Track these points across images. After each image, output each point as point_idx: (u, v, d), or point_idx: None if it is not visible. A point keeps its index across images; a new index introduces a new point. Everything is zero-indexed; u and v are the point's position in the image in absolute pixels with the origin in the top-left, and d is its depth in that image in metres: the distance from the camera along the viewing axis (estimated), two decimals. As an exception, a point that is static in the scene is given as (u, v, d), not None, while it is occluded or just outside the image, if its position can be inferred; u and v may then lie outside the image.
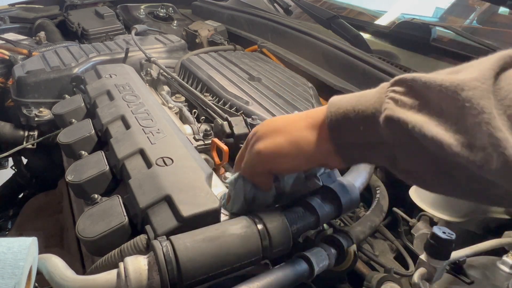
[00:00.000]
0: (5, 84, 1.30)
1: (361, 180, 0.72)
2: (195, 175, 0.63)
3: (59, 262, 0.51)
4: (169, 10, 1.83)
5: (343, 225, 0.82)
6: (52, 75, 1.12)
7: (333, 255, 0.58)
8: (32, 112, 1.09)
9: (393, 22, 1.55)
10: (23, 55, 1.33)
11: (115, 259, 0.54)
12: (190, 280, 0.48)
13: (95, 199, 0.67)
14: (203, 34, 1.55)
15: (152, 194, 0.59)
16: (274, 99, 1.01)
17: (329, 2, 1.97)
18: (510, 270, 0.67)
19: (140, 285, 0.47)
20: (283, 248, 0.53)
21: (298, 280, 0.53)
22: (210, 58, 1.27)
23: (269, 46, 1.40)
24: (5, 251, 0.41)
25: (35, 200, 1.32)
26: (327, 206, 0.59)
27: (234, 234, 0.51)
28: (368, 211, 0.75)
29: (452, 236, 0.58)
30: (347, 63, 1.16)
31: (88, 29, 1.58)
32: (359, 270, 0.71)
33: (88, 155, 0.78)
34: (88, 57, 1.20)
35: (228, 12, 1.71)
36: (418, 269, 0.61)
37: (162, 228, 0.55)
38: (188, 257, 0.47)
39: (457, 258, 0.65)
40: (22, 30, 1.70)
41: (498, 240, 0.71)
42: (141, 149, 0.71)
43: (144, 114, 0.83)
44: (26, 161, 1.52)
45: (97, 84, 0.98)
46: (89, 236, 0.57)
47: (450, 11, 2.06)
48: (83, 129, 0.84)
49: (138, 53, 1.24)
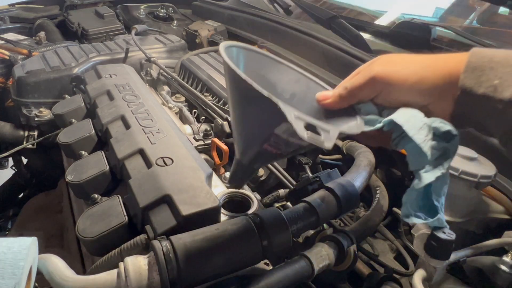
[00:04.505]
0: (5, 84, 1.30)
1: (361, 180, 0.72)
2: (195, 175, 0.63)
3: (59, 262, 0.51)
4: (169, 10, 1.83)
5: (343, 225, 0.82)
6: (52, 75, 1.12)
7: (333, 255, 0.58)
8: (32, 112, 1.09)
9: (393, 22, 1.54)
10: (23, 55, 1.33)
11: (115, 259, 0.54)
12: (190, 280, 0.48)
13: (95, 199, 0.67)
14: (203, 34, 1.55)
15: (152, 194, 0.59)
16: (274, 99, 1.01)
17: (329, 2, 1.97)
18: (510, 270, 0.67)
19: (140, 285, 0.47)
20: (283, 248, 0.53)
21: (298, 280, 0.53)
22: (210, 58, 1.27)
23: (269, 46, 1.40)
24: (5, 251, 0.41)
25: (35, 200, 1.32)
26: (327, 206, 0.59)
27: (234, 234, 0.51)
28: (368, 211, 0.75)
29: (452, 236, 0.58)
30: (347, 63, 1.16)
31: (88, 29, 1.58)
32: (359, 270, 0.71)
33: (88, 155, 0.78)
34: (88, 57, 1.20)
35: (228, 12, 1.71)
36: (418, 269, 0.61)
37: (162, 227, 0.55)
38: (188, 256, 0.47)
39: (457, 258, 0.65)
40: (22, 30, 1.70)
41: (498, 240, 0.71)
42: (141, 149, 0.71)
43: (144, 114, 0.83)
44: (26, 161, 1.52)
45: (97, 84, 0.98)
46: (89, 236, 0.57)
47: (450, 11, 2.06)
48: (83, 129, 0.84)
49: (138, 53, 1.24)
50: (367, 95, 0.52)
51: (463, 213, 0.76)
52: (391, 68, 0.50)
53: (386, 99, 0.51)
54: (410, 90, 0.49)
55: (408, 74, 0.49)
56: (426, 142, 0.46)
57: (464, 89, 0.45)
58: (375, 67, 0.51)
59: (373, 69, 0.50)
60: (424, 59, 0.50)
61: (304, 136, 0.40)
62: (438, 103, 0.49)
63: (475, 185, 0.72)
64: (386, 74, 0.49)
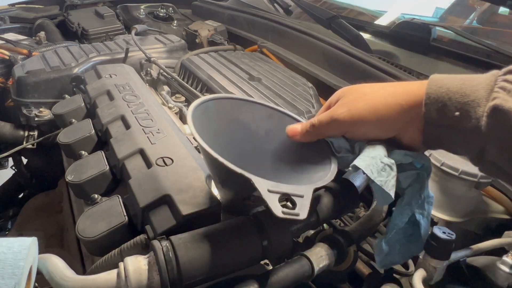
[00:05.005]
0: (5, 84, 1.30)
1: (361, 180, 0.72)
2: (195, 175, 0.63)
3: (59, 262, 0.51)
4: (169, 10, 1.83)
5: (343, 225, 0.82)
6: (52, 75, 1.12)
7: (333, 255, 0.58)
8: (32, 112, 1.09)
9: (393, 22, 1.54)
10: (23, 55, 1.33)
11: (115, 259, 0.54)
12: (190, 280, 0.48)
13: (95, 199, 0.67)
14: (203, 34, 1.55)
15: (152, 194, 0.59)
16: (274, 99, 1.01)
17: (329, 2, 1.97)
18: (510, 270, 0.67)
19: (140, 285, 0.47)
20: (283, 248, 0.53)
21: (298, 280, 0.53)
22: (210, 58, 1.27)
23: (269, 46, 1.40)
24: (5, 251, 0.41)
25: (35, 200, 1.32)
26: (327, 206, 0.59)
27: (234, 234, 0.51)
28: (368, 211, 0.75)
29: (452, 236, 0.58)
30: (347, 63, 1.16)
31: (88, 29, 1.58)
32: (359, 270, 0.71)
33: (88, 155, 0.78)
34: (88, 57, 1.20)
35: (228, 12, 1.71)
36: (418, 269, 0.61)
37: (162, 227, 0.55)
38: (188, 256, 0.47)
39: (457, 258, 0.65)
40: (22, 30, 1.70)
41: (498, 240, 0.71)
42: (141, 149, 0.71)
43: (144, 114, 0.83)
44: (26, 161, 1.52)
45: (97, 84, 0.98)
46: (89, 236, 0.57)
47: (450, 11, 2.06)
48: (83, 129, 0.84)
49: (138, 53, 1.24)
50: (333, 133, 0.56)
51: (463, 213, 0.76)
52: (354, 109, 0.52)
53: (354, 136, 0.55)
54: (374, 127, 0.52)
55: (370, 113, 0.51)
56: (387, 182, 0.50)
57: (429, 120, 0.47)
58: (338, 109, 0.53)
59: (336, 112, 0.53)
60: (386, 92, 0.51)
61: (280, 215, 0.43)
62: (406, 134, 0.51)
63: (475, 185, 0.72)
64: (349, 116, 0.52)
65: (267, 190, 0.45)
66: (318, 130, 0.55)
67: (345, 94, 0.55)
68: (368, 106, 0.51)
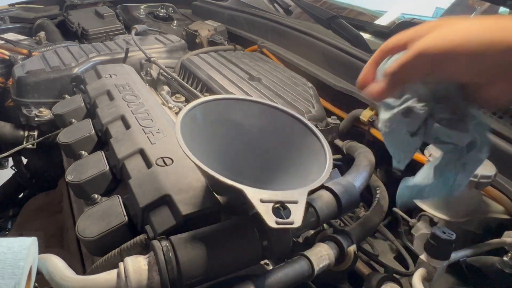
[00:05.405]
0: (5, 84, 1.30)
1: (361, 180, 0.72)
2: (195, 175, 0.63)
3: (59, 262, 0.51)
4: (169, 10, 1.83)
5: (343, 225, 0.82)
6: (52, 75, 1.12)
7: (333, 255, 0.58)
8: (32, 112, 1.09)
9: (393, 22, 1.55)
10: (23, 55, 1.33)
11: (115, 259, 0.54)
12: (190, 280, 0.48)
13: (95, 199, 0.67)
14: (203, 34, 1.55)
15: (152, 194, 0.59)
16: (274, 99, 1.01)
17: (329, 2, 1.97)
18: (510, 270, 0.67)
19: (140, 285, 0.47)
20: (283, 248, 0.53)
21: (298, 280, 0.53)
22: (210, 58, 1.27)
23: (269, 46, 1.40)
24: (5, 251, 0.41)
25: (35, 200, 1.32)
26: (327, 206, 0.59)
27: (234, 234, 0.51)
28: (368, 211, 0.75)
29: (452, 236, 0.58)
30: (347, 63, 1.16)
31: (88, 29, 1.58)
32: (359, 270, 0.71)
33: (88, 155, 0.78)
34: (88, 57, 1.20)
35: (228, 12, 1.71)
36: (418, 269, 0.61)
37: (162, 227, 0.55)
38: (188, 256, 0.47)
39: (457, 258, 0.65)
40: (22, 30, 1.70)
41: (498, 240, 0.71)
42: (141, 149, 0.71)
43: (144, 114, 0.83)
44: (26, 161, 1.52)
45: (97, 84, 0.98)
46: (89, 236, 0.57)
47: (450, 11, 2.06)
48: (83, 129, 0.84)
49: (138, 53, 1.24)
50: (417, 74, 0.44)
51: (463, 213, 0.76)
52: (445, 36, 0.41)
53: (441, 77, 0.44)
54: (470, 63, 0.40)
55: (469, 41, 0.39)
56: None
57: None
58: (423, 41, 0.42)
59: (421, 43, 0.42)
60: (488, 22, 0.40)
61: (273, 226, 0.43)
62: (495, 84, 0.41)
63: (475, 185, 0.72)
64: (440, 45, 0.41)
65: (259, 200, 0.44)
66: (399, 74, 0.44)
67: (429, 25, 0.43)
68: (465, 33, 0.40)
